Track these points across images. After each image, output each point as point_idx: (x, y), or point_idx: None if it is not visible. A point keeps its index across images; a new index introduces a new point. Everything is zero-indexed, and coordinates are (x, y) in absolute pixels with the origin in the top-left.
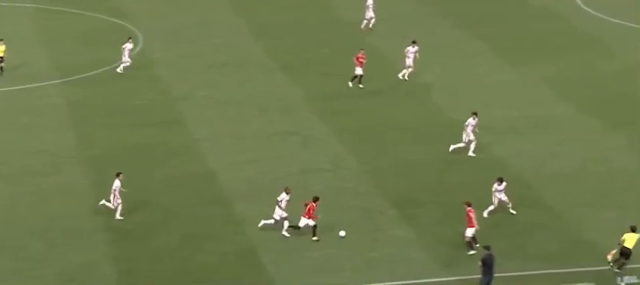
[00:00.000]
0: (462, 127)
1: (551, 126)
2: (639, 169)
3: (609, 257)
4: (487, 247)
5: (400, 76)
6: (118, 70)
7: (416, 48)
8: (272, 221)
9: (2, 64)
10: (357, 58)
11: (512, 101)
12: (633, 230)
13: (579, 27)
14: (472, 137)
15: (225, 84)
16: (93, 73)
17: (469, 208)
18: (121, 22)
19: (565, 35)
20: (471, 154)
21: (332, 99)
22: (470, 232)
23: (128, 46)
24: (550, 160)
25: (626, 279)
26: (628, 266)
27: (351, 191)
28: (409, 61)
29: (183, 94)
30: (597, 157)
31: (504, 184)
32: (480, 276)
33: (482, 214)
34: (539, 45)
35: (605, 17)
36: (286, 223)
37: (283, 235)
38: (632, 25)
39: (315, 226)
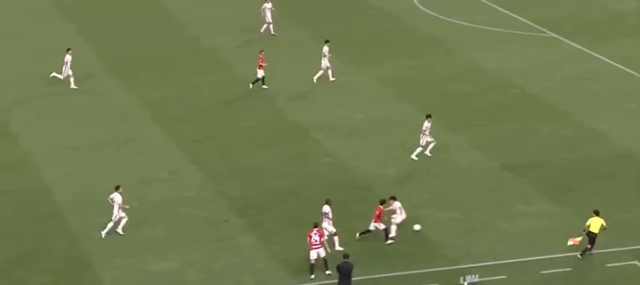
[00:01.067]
0: (306, 130)
1: (392, 127)
2: (479, 169)
3: (571, 242)
4: (345, 256)
5: (315, 79)
6: (72, 86)
7: (325, 48)
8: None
9: None
10: (259, 61)
11: (354, 102)
12: (596, 214)
13: (417, 27)
14: (430, 139)
15: (55, 92)
16: None
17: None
18: None
19: (403, 35)
20: (427, 153)
21: (169, 105)
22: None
23: (68, 58)
24: (391, 161)
25: (469, 278)
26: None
27: (193, 200)
28: (325, 62)
29: (9, 105)
30: (438, 158)
31: (396, 203)
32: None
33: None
34: (379, 45)
35: (442, 17)
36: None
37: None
38: (469, 24)
39: (386, 229)
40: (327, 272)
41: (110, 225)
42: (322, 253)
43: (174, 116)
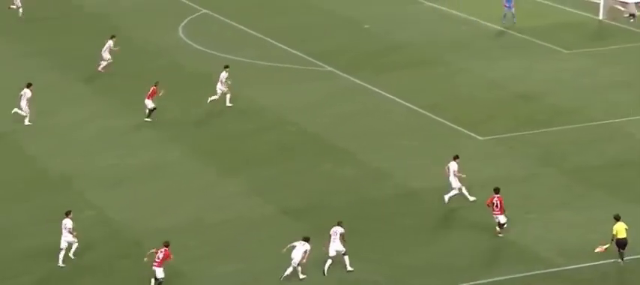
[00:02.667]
0: (66, 180)
1: (164, 173)
2: (260, 215)
3: (598, 250)
4: None
5: (209, 100)
6: (26, 122)
7: (224, 74)
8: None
9: None
10: (153, 92)
11: (121, 148)
12: (617, 219)
13: (184, 64)
14: (459, 184)
15: None
16: None
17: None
18: None
19: (171, 73)
20: (470, 199)
21: None
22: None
23: (27, 92)
24: (161, 212)
25: None
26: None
27: None
28: (222, 87)
29: None
30: (214, 205)
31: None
32: None
33: None
34: (147, 84)
35: (211, 52)
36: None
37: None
38: (241, 59)
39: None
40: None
41: (75, 246)
42: (159, 273)
43: None
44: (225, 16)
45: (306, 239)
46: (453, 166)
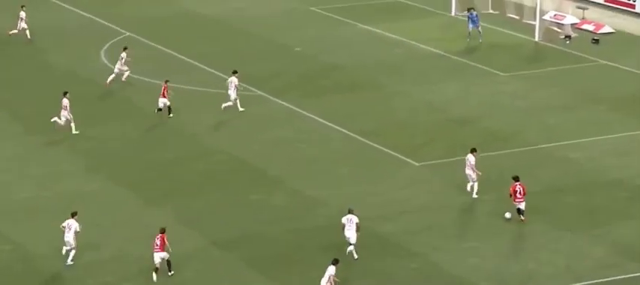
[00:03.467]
0: None
1: (82, 204)
2: (189, 248)
3: None
4: None
5: (223, 107)
6: (73, 131)
7: (234, 79)
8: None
9: None
10: (165, 90)
11: (38, 178)
12: None
13: (110, 90)
14: (474, 177)
15: None
16: None
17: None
18: None
19: (96, 99)
20: (474, 195)
21: None
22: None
23: (65, 102)
24: (84, 245)
25: None
26: None
27: None
28: (233, 93)
29: None
30: (139, 237)
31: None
32: None
33: None
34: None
35: (136, 76)
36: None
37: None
38: (168, 84)
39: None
40: (170, 273)
41: (73, 252)
42: (160, 257)
43: None
44: (151, 40)
45: (334, 262)
46: (471, 159)
